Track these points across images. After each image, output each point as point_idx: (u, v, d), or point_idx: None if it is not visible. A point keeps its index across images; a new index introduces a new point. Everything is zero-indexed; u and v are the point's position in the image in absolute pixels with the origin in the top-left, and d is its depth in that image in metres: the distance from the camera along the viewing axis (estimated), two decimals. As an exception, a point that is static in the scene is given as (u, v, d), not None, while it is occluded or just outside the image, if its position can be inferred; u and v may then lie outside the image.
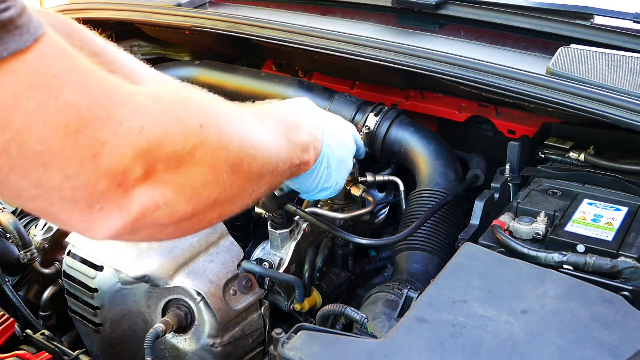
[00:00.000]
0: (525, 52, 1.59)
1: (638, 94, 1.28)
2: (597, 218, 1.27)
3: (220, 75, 2.00)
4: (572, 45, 1.49)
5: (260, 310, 1.39)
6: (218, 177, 0.78)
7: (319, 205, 1.58)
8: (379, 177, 1.74)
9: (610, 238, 1.20)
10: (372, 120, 1.73)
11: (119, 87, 0.68)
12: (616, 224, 1.24)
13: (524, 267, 1.09)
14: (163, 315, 1.33)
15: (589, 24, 1.62)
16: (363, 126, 1.73)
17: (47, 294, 1.53)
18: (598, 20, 1.62)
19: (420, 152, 1.68)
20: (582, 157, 1.49)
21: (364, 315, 1.22)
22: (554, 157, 1.55)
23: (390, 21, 1.85)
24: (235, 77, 1.98)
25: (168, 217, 0.73)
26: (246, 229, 1.61)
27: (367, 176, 1.73)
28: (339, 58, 1.66)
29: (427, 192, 1.59)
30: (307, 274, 1.48)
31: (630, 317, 0.97)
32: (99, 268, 1.34)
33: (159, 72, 1.13)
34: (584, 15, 1.63)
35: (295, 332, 0.97)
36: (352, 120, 1.75)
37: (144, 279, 1.29)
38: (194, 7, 1.99)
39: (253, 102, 1.28)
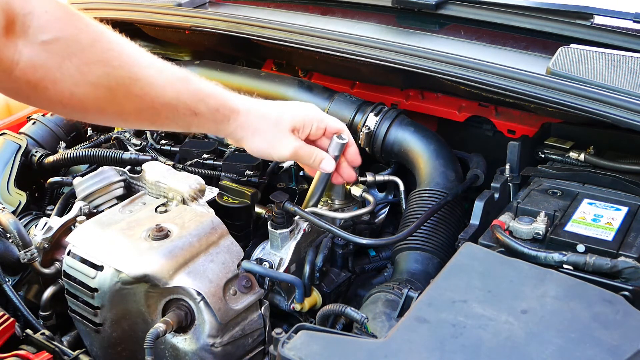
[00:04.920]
0: (525, 52, 1.59)
1: (638, 94, 1.28)
2: (597, 218, 1.27)
3: (220, 75, 2.00)
4: (572, 45, 1.49)
5: (260, 310, 1.39)
6: None
7: (319, 206, 1.58)
8: (379, 177, 1.75)
9: (610, 238, 1.20)
10: (372, 120, 1.73)
11: None
12: (616, 224, 1.24)
13: (524, 267, 1.09)
14: (163, 315, 1.33)
15: (589, 24, 1.62)
16: (363, 126, 1.73)
17: (47, 294, 1.53)
18: (598, 20, 1.62)
19: (420, 152, 1.68)
20: (582, 157, 1.49)
21: (364, 315, 1.22)
22: (554, 157, 1.55)
23: (390, 21, 1.85)
24: (235, 77, 1.98)
25: None
26: (246, 229, 1.61)
27: (367, 176, 1.74)
28: (339, 58, 1.66)
29: (427, 192, 1.59)
30: (307, 274, 1.48)
31: (630, 317, 0.97)
32: (99, 268, 1.34)
33: (159, 58, 1.13)
34: (584, 15, 1.63)
35: (295, 332, 0.97)
36: (352, 120, 1.75)
37: (144, 278, 1.29)
38: (194, 7, 1.99)
39: None
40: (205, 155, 1.82)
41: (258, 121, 1.25)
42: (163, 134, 2.00)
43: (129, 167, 1.73)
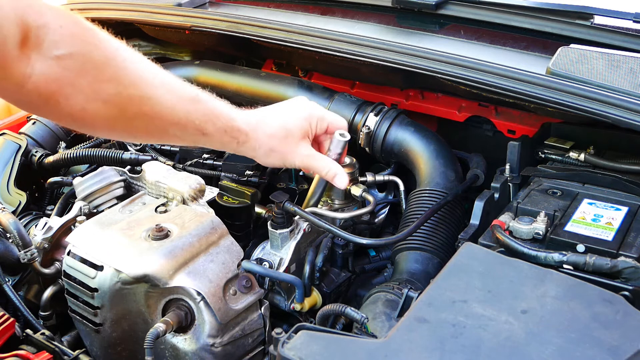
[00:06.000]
0: (525, 52, 1.59)
1: (638, 94, 1.28)
2: (597, 218, 1.27)
3: (220, 75, 2.00)
4: (572, 45, 1.49)
5: (260, 310, 1.39)
6: None
7: (319, 206, 1.58)
8: (379, 177, 1.75)
9: (610, 238, 1.20)
10: (372, 120, 1.73)
11: None
12: (616, 224, 1.24)
13: (524, 267, 1.09)
14: (163, 315, 1.33)
15: (589, 24, 1.62)
16: (363, 126, 1.73)
17: (47, 294, 1.53)
18: (598, 20, 1.62)
19: (420, 152, 1.68)
20: (582, 157, 1.49)
21: (364, 315, 1.22)
22: (554, 157, 1.55)
23: (390, 21, 1.85)
24: (235, 77, 1.98)
25: None
26: (246, 229, 1.61)
27: (367, 176, 1.74)
28: (339, 58, 1.66)
29: (427, 192, 1.59)
30: (307, 274, 1.48)
31: (630, 317, 0.97)
32: (99, 268, 1.34)
33: (170, 75, 1.12)
34: (584, 15, 1.63)
35: (295, 332, 0.97)
36: (352, 120, 1.75)
37: (144, 278, 1.29)
38: (194, 7, 1.99)
39: (253, 102, 1.29)
40: (205, 155, 1.82)
41: (268, 140, 1.23)
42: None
43: (129, 167, 1.73)
